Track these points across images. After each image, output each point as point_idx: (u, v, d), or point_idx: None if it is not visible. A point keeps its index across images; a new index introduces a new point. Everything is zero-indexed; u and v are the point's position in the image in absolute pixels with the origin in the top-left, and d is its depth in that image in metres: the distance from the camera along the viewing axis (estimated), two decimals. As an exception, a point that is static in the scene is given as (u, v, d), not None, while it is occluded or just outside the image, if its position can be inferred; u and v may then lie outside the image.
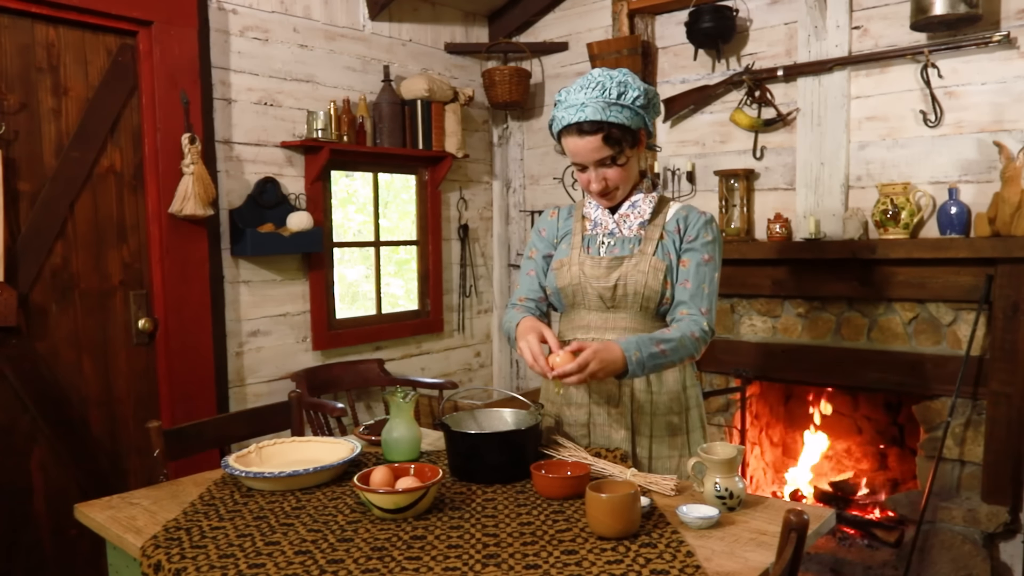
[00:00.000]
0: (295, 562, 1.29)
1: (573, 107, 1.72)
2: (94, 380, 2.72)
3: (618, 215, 1.85)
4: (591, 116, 1.70)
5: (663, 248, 1.80)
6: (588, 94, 1.72)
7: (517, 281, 2.01)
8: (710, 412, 3.49)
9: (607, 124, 1.71)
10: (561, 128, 1.76)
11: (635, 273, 1.78)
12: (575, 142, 1.74)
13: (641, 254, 1.80)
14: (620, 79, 1.74)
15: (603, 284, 1.80)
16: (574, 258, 1.86)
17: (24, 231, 2.53)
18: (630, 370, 1.63)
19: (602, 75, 1.75)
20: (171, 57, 2.79)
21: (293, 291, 3.29)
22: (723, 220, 3.38)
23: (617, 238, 1.85)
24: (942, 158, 2.92)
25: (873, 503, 3.34)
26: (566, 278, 1.85)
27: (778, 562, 1.17)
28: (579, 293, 1.84)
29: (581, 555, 1.29)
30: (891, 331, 2.98)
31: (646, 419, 1.82)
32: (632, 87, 1.74)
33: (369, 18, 3.54)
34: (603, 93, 1.72)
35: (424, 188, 3.87)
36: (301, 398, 2.19)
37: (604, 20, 3.75)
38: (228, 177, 3.04)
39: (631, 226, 1.84)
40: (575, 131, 1.73)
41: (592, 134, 1.71)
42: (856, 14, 3.07)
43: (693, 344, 1.72)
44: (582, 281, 1.83)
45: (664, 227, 1.82)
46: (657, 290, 1.77)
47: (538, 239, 1.98)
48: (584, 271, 1.83)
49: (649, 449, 1.83)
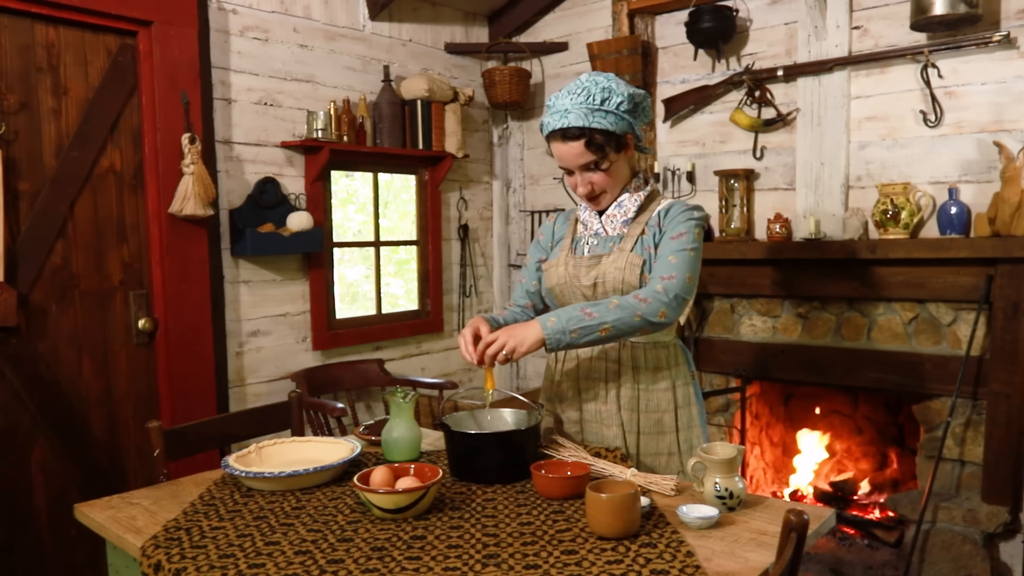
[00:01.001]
0: (295, 562, 1.29)
1: (558, 113, 1.76)
2: (94, 380, 2.72)
3: (605, 216, 1.89)
4: (574, 122, 1.74)
5: (642, 243, 1.82)
6: (573, 100, 1.76)
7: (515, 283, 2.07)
8: (710, 412, 3.49)
9: (589, 130, 1.75)
10: (547, 134, 1.81)
11: (612, 270, 1.81)
12: (560, 147, 1.79)
13: (619, 251, 1.83)
14: (605, 84, 1.77)
15: (584, 282, 1.85)
16: (561, 259, 1.92)
17: (24, 231, 2.53)
18: (547, 336, 1.66)
19: (588, 80, 1.78)
20: (171, 57, 2.79)
21: (293, 291, 3.29)
22: (723, 220, 3.38)
23: (601, 238, 1.89)
24: (942, 158, 2.92)
25: (873, 503, 3.34)
26: (553, 278, 1.91)
27: (778, 562, 1.17)
28: (566, 292, 1.89)
29: (581, 555, 1.29)
30: (891, 331, 2.98)
31: (634, 416, 1.84)
32: (616, 93, 1.76)
33: (369, 18, 3.54)
34: (587, 99, 1.75)
35: (424, 188, 3.87)
36: (301, 398, 2.19)
37: (604, 20, 3.75)
38: (228, 177, 3.04)
39: (615, 225, 1.88)
40: (559, 137, 1.77)
41: (575, 139, 1.76)
42: (856, 14, 3.07)
43: (637, 305, 1.67)
44: (567, 281, 1.88)
45: (647, 223, 1.85)
46: (635, 284, 1.78)
47: (535, 246, 2.06)
48: (568, 271, 1.88)
49: (637, 446, 1.85)
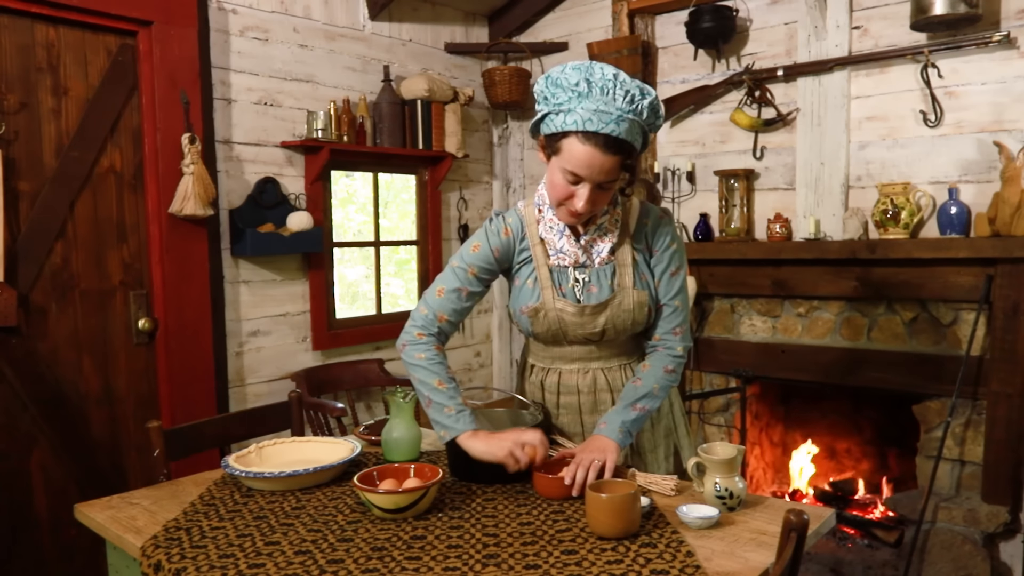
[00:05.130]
0: (295, 562, 1.29)
1: (606, 115, 1.48)
2: (94, 380, 2.72)
3: (584, 241, 1.68)
4: (625, 135, 1.49)
5: (639, 273, 1.70)
6: (620, 104, 1.50)
7: (440, 284, 1.72)
8: (710, 412, 3.49)
9: (632, 148, 1.53)
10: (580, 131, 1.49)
11: (621, 313, 1.69)
12: (591, 154, 1.49)
13: (622, 290, 1.68)
14: (652, 101, 1.54)
15: (589, 330, 1.70)
16: (549, 303, 1.69)
17: (24, 231, 2.53)
18: (621, 446, 1.63)
19: (630, 84, 1.52)
20: (171, 57, 2.79)
21: (293, 291, 3.29)
22: (723, 220, 3.38)
23: (589, 271, 1.70)
24: (942, 158, 2.92)
25: (873, 503, 3.34)
26: (543, 325, 1.71)
27: (778, 562, 1.17)
28: (560, 335, 1.73)
29: (581, 555, 1.29)
30: (891, 331, 2.98)
31: (647, 435, 1.82)
32: (660, 112, 1.58)
33: (369, 18, 3.54)
34: (634, 109, 1.52)
35: (424, 188, 3.87)
36: (301, 398, 2.19)
37: (604, 20, 3.75)
38: (228, 177, 3.04)
39: (601, 252, 1.69)
40: (598, 143, 1.48)
41: (616, 154, 1.51)
42: (856, 14, 3.07)
43: (668, 379, 1.72)
44: (563, 327, 1.71)
45: (633, 245, 1.71)
46: (643, 322, 1.73)
47: (486, 256, 1.70)
48: (564, 318, 1.69)
49: (656, 462, 1.83)
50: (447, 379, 1.66)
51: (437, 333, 1.71)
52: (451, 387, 1.65)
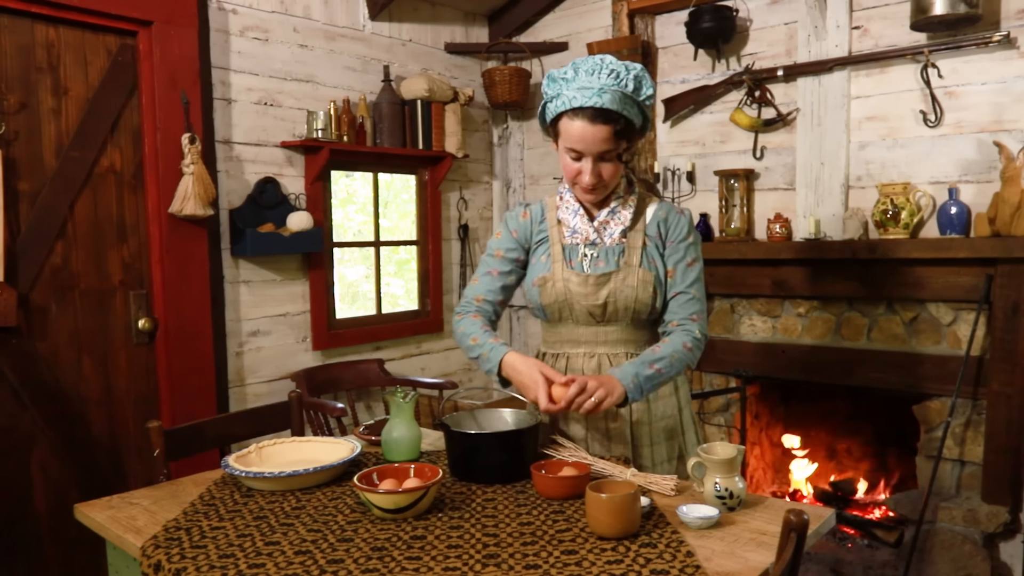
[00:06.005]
0: (295, 562, 1.29)
1: (588, 90, 1.61)
2: (94, 380, 2.72)
3: (597, 222, 1.78)
4: (608, 104, 1.60)
5: (647, 256, 1.77)
6: (604, 80, 1.62)
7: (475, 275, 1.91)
8: (710, 412, 3.49)
9: (623, 117, 1.63)
10: (568, 110, 1.64)
11: (624, 288, 1.74)
12: (582, 127, 1.63)
13: (628, 266, 1.75)
14: (637, 73, 1.66)
15: (592, 302, 1.76)
16: (557, 274, 1.78)
17: (24, 231, 2.53)
18: (630, 395, 1.64)
19: (616, 64, 1.65)
20: (171, 57, 2.79)
21: (293, 291, 3.29)
22: (723, 220, 3.38)
23: (599, 248, 1.78)
24: (942, 158, 2.92)
25: (873, 503, 3.34)
26: (551, 295, 1.78)
27: (778, 562, 1.17)
28: (566, 309, 1.79)
29: (581, 555, 1.29)
30: (891, 331, 2.98)
31: (645, 428, 1.82)
32: (647, 84, 1.67)
33: (369, 18, 3.54)
34: (618, 83, 1.63)
35: (424, 188, 3.87)
36: (301, 398, 2.19)
37: (604, 20, 3.75)
38: (228, 177, 3.04)
39: (612, 233, 1.78)
40: (586, 116, 1.62)
41: (605, 123, 1.62)
42: (856, 14, 3.07)
43: (687, 355, 1.73)
44: (568, 298, 1.77)
45: (645, 231, 1.78)
46: (647, 303, 1.76)
47: (508, 239, 1.86)
48: (570, 288, 1.76)
49: (652, 459, 1.83)
50: (480, 333, 1.80)
51: (475, 311, 1.86)
52: (484, 338, 1.78)
